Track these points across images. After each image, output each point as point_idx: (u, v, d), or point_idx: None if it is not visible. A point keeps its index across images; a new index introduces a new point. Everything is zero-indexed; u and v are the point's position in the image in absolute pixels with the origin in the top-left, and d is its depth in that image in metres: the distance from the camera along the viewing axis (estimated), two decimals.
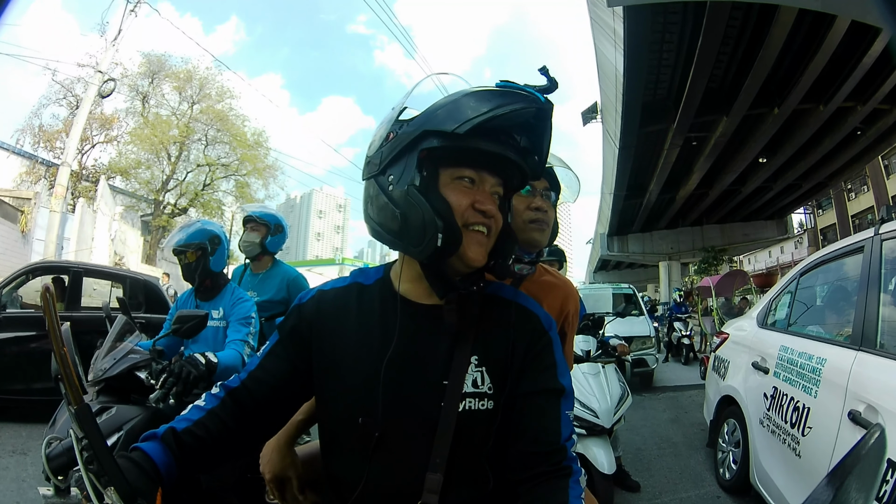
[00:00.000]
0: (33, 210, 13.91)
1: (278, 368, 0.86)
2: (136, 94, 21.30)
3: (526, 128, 0.80)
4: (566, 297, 1.31)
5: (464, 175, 0.79)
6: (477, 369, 0.80)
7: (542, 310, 0.90)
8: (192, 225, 2.34)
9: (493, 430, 0.79)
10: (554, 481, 0.76)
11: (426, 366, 0.80)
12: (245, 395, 0.85)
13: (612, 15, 9.93)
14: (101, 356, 1.80)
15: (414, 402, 0.79)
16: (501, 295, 0.90)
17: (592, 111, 19.49)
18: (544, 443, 0.78)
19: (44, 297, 0.65)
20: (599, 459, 2.59)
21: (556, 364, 0.85)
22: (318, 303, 0.89)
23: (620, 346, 3.11)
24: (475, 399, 0.79)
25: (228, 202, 22.83)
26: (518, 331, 0.84)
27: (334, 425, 0.85)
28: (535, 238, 1.19)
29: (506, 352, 0.83)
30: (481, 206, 0.78)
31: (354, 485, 0.78)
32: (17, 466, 3.25)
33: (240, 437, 0.85)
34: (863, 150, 16.20)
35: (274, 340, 0.89)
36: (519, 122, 0.77)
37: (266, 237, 2.66)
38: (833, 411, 2.05)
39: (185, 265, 2.24)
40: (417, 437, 0.77)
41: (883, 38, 8.61)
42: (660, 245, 25.22)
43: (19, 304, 4.94)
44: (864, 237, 2.33)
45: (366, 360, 0.81)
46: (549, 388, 0.82)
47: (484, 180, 0.80)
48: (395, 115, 0.81)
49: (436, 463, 0.75)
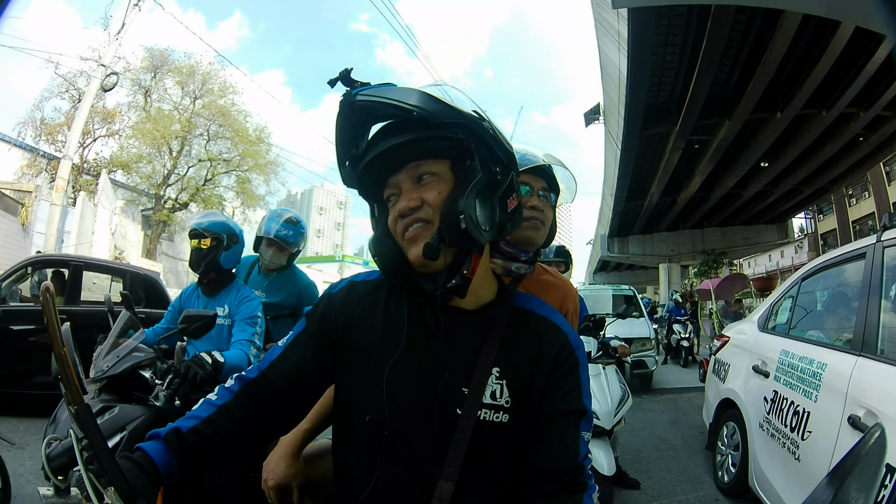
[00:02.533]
0: (34, 203, 13.91)
1: (302, 358, 0.85)
2: (139, 89, 21.26)
3: (369, 120, 0.78)
4: (565, 297, 1.31)
5: (388, 194, 0.81)
6: (497, 381, 0.79)
7: (571, 328, 0.89)
8: (216, 214, 2.32)
9: (509, 443, 0.79)
10: (568, 496, 0.76)
11: (446, 371, 0.79)
12: (263, 386, 0.83)
13: (616, 16, 9.93)
14: (103, 353, 1.77)
15: (429, 406, 0.78)
16: (530, 308, 0.88)
17: (595, 112, 19.53)
18: (562, 461, 0.78)
19: (43, 296, 0.65)
20: (599, 460, 2.59)
21: (581, 385, 0.84)
22: (348, 294, 0.88)
23: (621, 347, 3.11)
24: (491, 411, 0.78)
25: (230, 198, 22.80)
26: (545, 347, 0.83)
27: (347, 420, 0.84)
28: (530, 236, 1.19)
29: (530, 367, 0.81)
30: (399, 211, 0.78)
31: (364, 483, 0.77)
32: (14, 461, 3.24)
33: (251, 436, 0.83)
34: (864, 157, 16.24)
35: (299, 329, 0.88)
36: (361, 120, 0.77)
37: (292, 258, 2.64)
38: (833, 416, 2.05)
39: (196, 250, 2.19)
40: (430, 442, 0.77)
41: (887, 44, 8.60)
42: (660, 247, 25.26)
43: (19, 297, 4.93)
44: (866, 244, 2.33)
45: (385, 357, 0.79)
46: (572, 409, 0.82)
47: (399, 182, 0.79)
48: None
49: (449, 472, 0.75)
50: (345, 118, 0.75)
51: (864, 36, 8.75)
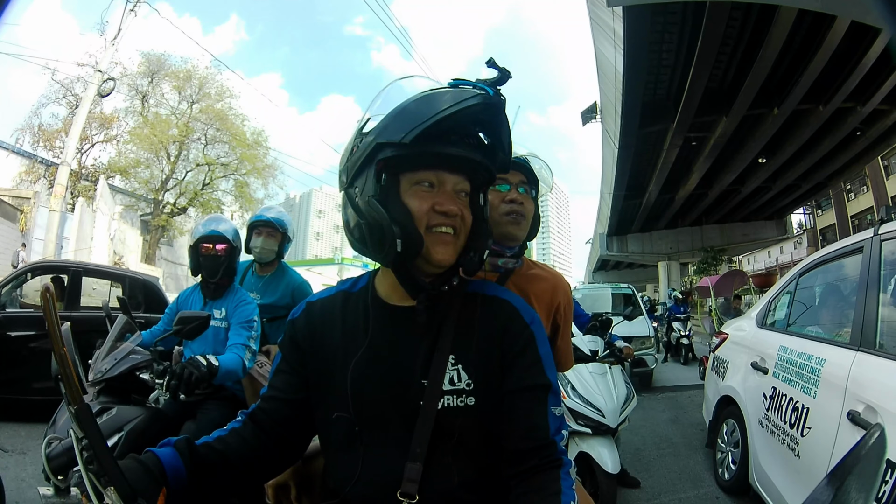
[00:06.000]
0: (33, 209, 13.91)
1: (287, 383, 0.90)
2: (136, 94, 21.25)
3: (479, 123, 0.79)
4: (555, 289, 1.30)
5: (422, 179, 0.79)
6: (453, 367, 0.82)
7: (524, 303, 0.90)
8: (227, 221, 2.33)
9: (480, 424, 0.81)
10: (546, 472, 0.77)
11: (405, 366, 0.82)
12: (262, 416, 0.88)
13: (611, 15, 9.94)
14: (101, 356, 1.80)
15: (394, 402, 0.81)
16: (482, 291, 0.90)
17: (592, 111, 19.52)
18: (534, 439, 0.79)
19: (44, 297, 0.66)
20: (604, 459, 2.59)
21: (541, 359, 0.85)
22: (308, 315, 0.92)
23: (626, 348, 3.11)
24: (454, 396, 0.80)
25: (228, 202, 22.80)
26: (498, 325, 0.85)
27: (323, 422, 0.87)
28: (511, 231, 1.19)
29: (486, 347, 0.83)
30: (441, 208, 0.78)
31: (348, 479, 0.81)
32: (16, 466, 3.25)
33: (263, 456, 0.87)
34: (862, 151, 16.24)
35: (278, 359, 0.93)
36: (469, 120, 0.77)
37: (283, 244, 2.64)
38: (832, 412, 2.05)
39: (213, 257, 2.18)
40: (399, 434, 0.80)
41: (883, 38, 8.63)
42: (659, 245, 25.27)
43: (18, 303, 4.93)
44: (864, 238, 2.33)
45: (349, 363, 0.83)
46: (535, 384, 0.83)
47: (444, 181, 0.80)
48: (359, 128, 0.82)
49: (416, 453, 0.78)
50: (469, 104, 0.74)
51: (860, 30, 8.75)
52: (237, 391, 2.16)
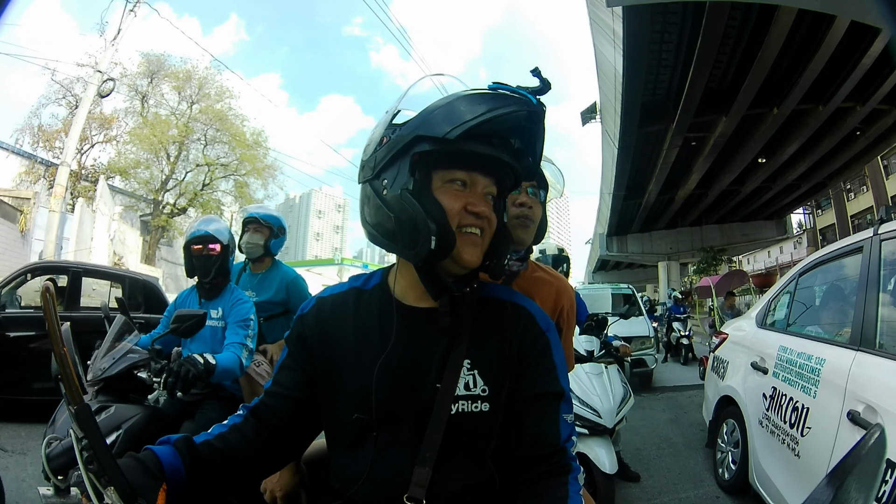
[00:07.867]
0: (32, 210, 13.89)
1: (292, 379, 0.88)
2: (136, 94, 21.27)
3: (518, 130, 0.80)
4: (559, 293, 1.30)
5: (456, 178, 0.79)
6: (469, 372, 0.81)
7: (540, 310, 0.90)
8: (218, 221, 2.34)
9: (492, 430, 0.80)
10: (554, 477, 0.78)
11: (422, 368, 0.81)
12: (265, 411, 0.87)
13: (611, 15, 9.93)
14: (100, 356, 1.81)
15: (408, 404, 0.80)
16: (497, 296, 0.90)
17: (591, 111, 19.50)
18: (545, 445, 0.79)
19: (44, 296, 0.66)
20: (601, 459, 2.60)
21: (556, 367, 0.85)
22: (318, 310, 0.90)
23: (623, 347, 3.12)
24: (468, 401, 0.80)
25: (227, 202, 22.81)
26: (514, 332, 0.85)
27: (335, 425, 0.86)
28: (519, 235, 1.19)
29: (502, 354, 0.83)
30: (474, 209, 0.79)
31: (354, 480, 0.80)
32: (16, 466, 3.25)
33: (264, 453, 0.85)
34: (862, 151, 16.24)
35: (284, 354, 0.92)
36: (511, 125, 0.77)
37: (269, 239, 2.66)
38: (832, 411, 2.05)
39: (206, 257, 2.19)
40: (409, 436, 0.79)
41: (882, 38, 8.62)
42: (659, 245, 25.25)
43: (18, 304, 4.93)
44: (863, 237, 2.33)
45: (363, 362, 0.82)
46: (548, 391, 0.83)
47: (476, 182, 0.81)
48: (389, 119, 0.81)
49: (425, 458, 0.77)
50: (516, 109, 0.75)
51: (859, 30, 8.76)
52: (235, 391, 2.17)
